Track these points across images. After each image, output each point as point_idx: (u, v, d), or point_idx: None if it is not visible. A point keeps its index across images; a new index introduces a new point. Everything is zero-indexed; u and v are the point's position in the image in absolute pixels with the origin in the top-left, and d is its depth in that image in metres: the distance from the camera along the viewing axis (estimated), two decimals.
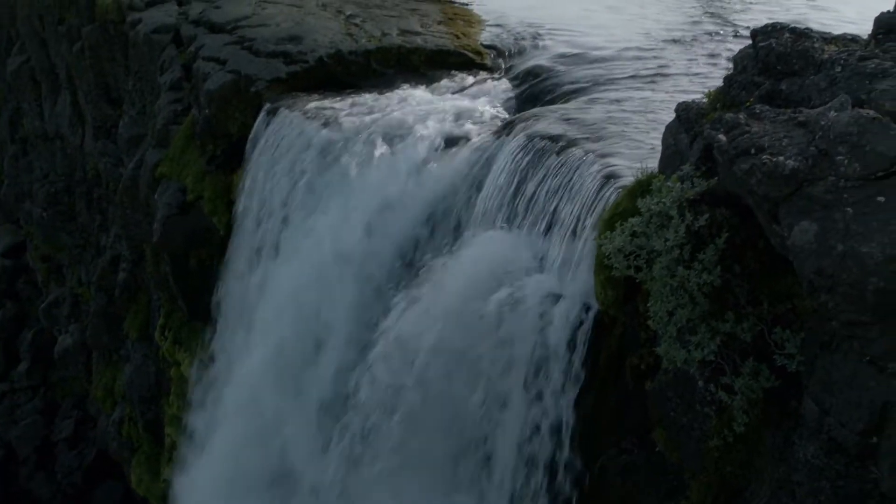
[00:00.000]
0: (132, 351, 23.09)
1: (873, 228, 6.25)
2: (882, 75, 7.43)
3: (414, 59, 18.03)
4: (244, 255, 16.80)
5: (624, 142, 11.88)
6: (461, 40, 18.83)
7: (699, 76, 15.41)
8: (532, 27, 19.66)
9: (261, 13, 20.57)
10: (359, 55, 17.92)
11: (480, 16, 21.35)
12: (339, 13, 20.65)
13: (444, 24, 20.14)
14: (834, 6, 24.16)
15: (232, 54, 18.42)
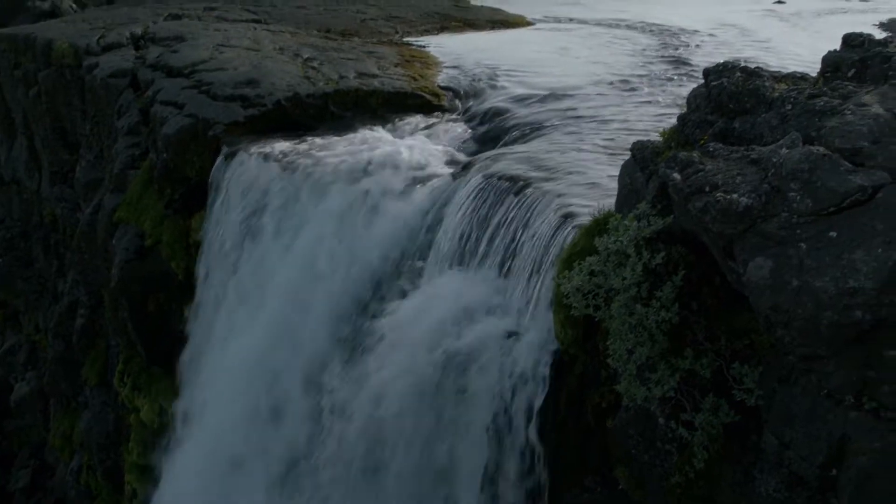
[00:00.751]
0: (90, 398, 22.82)
1: (826, 263, 6.32)
2: (831, 113, 7.57)
3: (371, 102, 18.12)
4: (206, 301, 16.73)
5: (581, 181, 11.98)
6: (418, 82, 18.96)
7: (653, 115, 15.60)
8: (488, 69, 19.88)
9: (218, 57, 20.63)
10: (316, 98, 17.99)
11: (437, 58, 21.59)
12: (297, 56, 20.77)
13: (402, 66, 20.30)
14: (783, 46, 24.63)
15: (190, 98, 18.43)
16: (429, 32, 26.48)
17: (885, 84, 8.04)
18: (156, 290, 18.37)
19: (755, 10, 35.60)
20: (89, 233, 21.12)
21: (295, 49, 21.61)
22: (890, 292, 6.13)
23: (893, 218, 6.31)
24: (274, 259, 14.77)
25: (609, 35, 26.62)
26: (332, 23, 26.61)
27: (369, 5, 30.79)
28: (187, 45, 22.10)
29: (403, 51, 22.46)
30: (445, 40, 24.87)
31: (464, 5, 32.77)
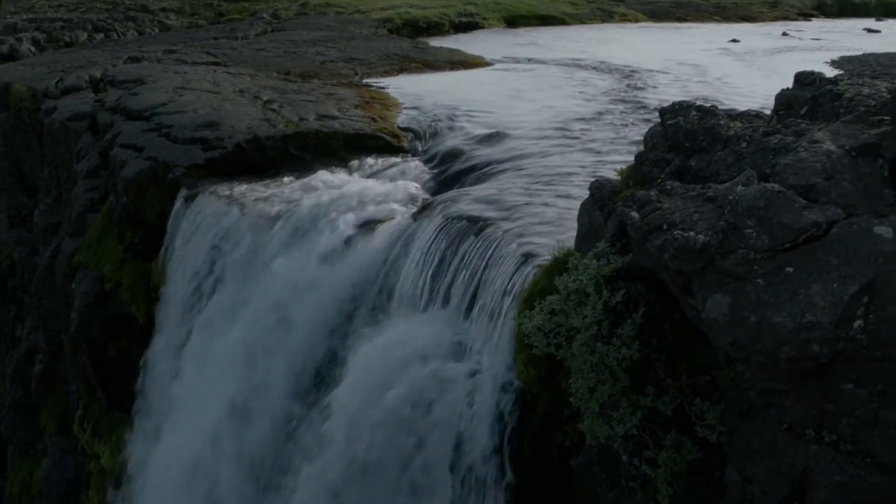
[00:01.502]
0: (50, 444, 22.54)
1: (784, 298, 6.40)
2: (785, 150, 7.68)
3: (332, 144, 18.14)
4: (165, 344, 16.60)
5: (540, 220, 12.05)
6: (378, 123, 19.02)
7: (611, 153, 15.74)
8: (448, 109, 19.99)
9: (178, 100, 20.61)
10: (276, 140, 17.99)
11: (397, 99, 21.69)
12: (257, 98, 20.80)
13: (361, 107, 20.38)
14: (738, 84, 24.98)
15: (149, 141, 18.39)
16: (388, 74, 26.59)
17: (837, 121, 8.18)
18: (116, 335, 18.22)
19: (710, 48, 36.08)
20: (48, 277, 20.96)
21: (255, 91, 21.65)
22: (846, 326, 6.21)
23: (848, 252, 6.40)
24: (230, 308, 14.70)
25: (567, 75, 26.87)
26: (292, 65, 26.67)
27: (329, 47, 30.90)
28: (147, 87, 22.07)
29: (363, 92, 22.55)
30: (405, 81, 24.99)
31: (423, 46, 32.95)
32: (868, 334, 6.24)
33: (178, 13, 46.64)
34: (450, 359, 10.72)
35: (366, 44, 32.29)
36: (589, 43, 37.63)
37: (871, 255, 6.35)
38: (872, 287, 6.26)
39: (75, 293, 18.88)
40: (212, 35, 36.20)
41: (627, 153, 14.11)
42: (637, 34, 43.61)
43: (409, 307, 12.12)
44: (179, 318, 16.09)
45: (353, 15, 44.03)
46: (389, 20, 41.23)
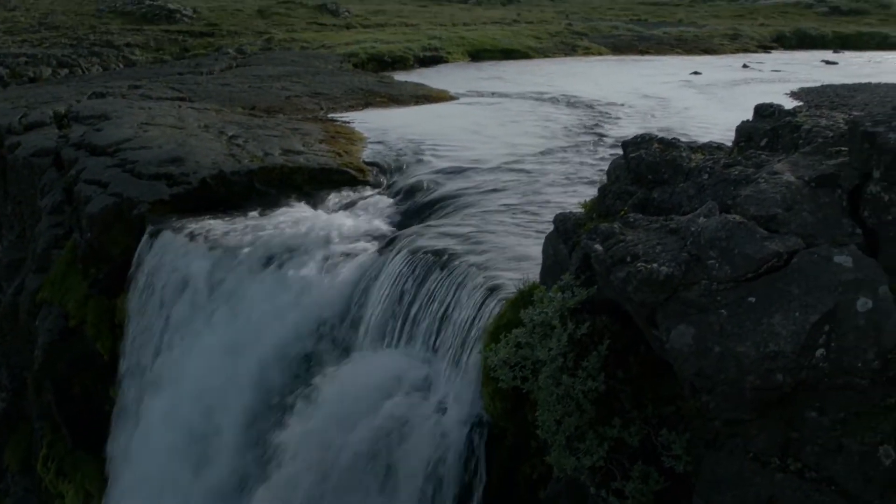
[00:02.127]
0: (12, 484, 22.19)
1: (747, 328, 6.46)
2: (745, 181, 7.78)
3: (297, 178, 18.14)
4: (130, 382, 16.45)
5: (505, 254, 12.11)
6: (343, 158, 19.06)
7: (575, 186, 15.85)
8: (413, 143, 20.07)
9: (143, 135, 20.56)
10: (241, 175, 17.96)
11: (362, 133, 21.75)
12: (222, 134, 20.78)
13: (326, 142, 20.41)
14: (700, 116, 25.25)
15: (114, 177, 18.31)
16: (353, 108, 26.66)
17: (796, 152, 8.30)
18: (81, 372, 18.05)
19: (672, 81, 36.45)
20: (11, 314, 20.74)
21: (220, 126, 21.63)
22: (808, 355, 6.29)
23: (808, 282, 6.48)
24: (193, 344, 14.63)
25: (531, 109, 27.05)
26: (257, 100, 26.68)
27: (294, 82, 30.94)
28: (111, 123, 21.99)
29: (328, 127, 22.59)
30: (370, 116, 25.06)
31: (388, 81, 33.07)
32: (830, 362, 6.32)
33: (142, 48, 46.54)
34: (416, 393, 10.71)
35: (331, 78, 32.36)
36: (553, 76, 37.93)
37: (831, 284, 6.44)
38: (833, 316, 6.34)
39: (39, 330, 18.70)
40: (177, 70, 36.11)
41: (591, 186, 14.22)
42: (600, 67, 44.00)
43: (375, 342, 12.10)
44: (143, 354, 15.98)
45: (318, 50, 44.11)
46: (354, 55, 41.36)
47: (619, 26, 65.05)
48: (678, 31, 62.22)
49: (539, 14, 76.90)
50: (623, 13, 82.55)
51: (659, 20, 76.24)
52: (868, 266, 6.57)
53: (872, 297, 6.39)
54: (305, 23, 58.26)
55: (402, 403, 10.50)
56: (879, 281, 6.50)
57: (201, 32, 51.35)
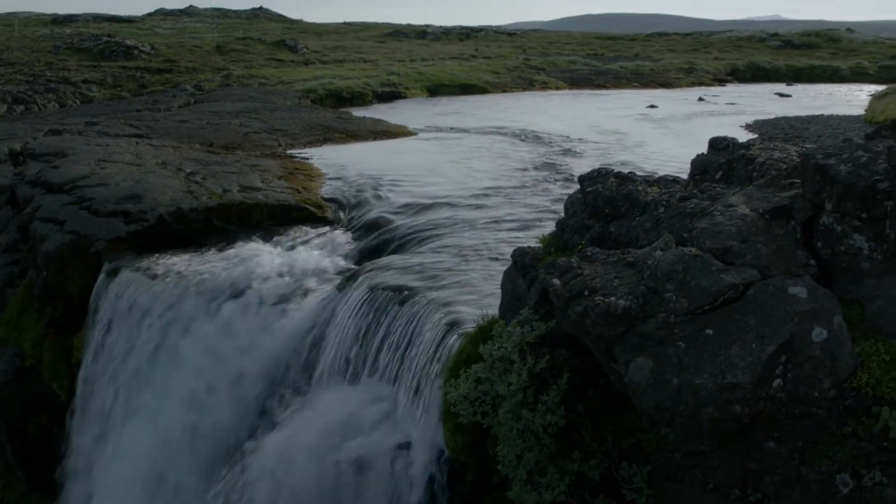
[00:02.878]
0: None
1: (704, 360, 6.50)
2: (700, 214, 7.86)
3: (255, 215, 18.08)
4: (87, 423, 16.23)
5: (465, 289, 12.12)
6: (302, 194, 19.02)
7: (533, 221, 15.92)
8: (371, 179, 20.10)
9: (100, 172, 20.41)
10: (200, 212, 17.87)
11: (321, 169, 21.75)
12: (180, 171, 20.67)
13: (285, 178, 20.37)
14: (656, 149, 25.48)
15: (71, 214, 18.14)
16: (312, 144, 26.66)
17: (750, 185, 8.40)
18: (37, 413, 17.77)
19: (629, 114, 36.83)
20: None
21: (178, 163, 21.53)
22: (765, 386, 6.33)
23: (764, 313, 6.54)
24: (151, 385, 14.48)
25: (490, 143, 27.20)
26: (215, 136, 26.61)
27: (252, 118, 30.91)
28: (68, 160, 21.83)
29: (287, 163, 22.55)
30: (328, 152, 25.07)
31: (346, 117, 33.13)
32: (787, 393, 6.37)
33: (100, 85, 46.38)
34: (377, 430, 10.65)
35: (289, 115, 32.36)
36: (511, 111, 38.20)
37: (786, 315, 6.50)
38: (790, 346, 6.40)
39: None
40: (134, 107, 35.99)
41: (549, 220, 14.27)
42: (557, 101, 44.37)
43: (335, 379, 12.05)
44: (101, 395, 15.79)
45: (277, 86, 44.19)
46: (313, 91, 41.47)
47: (576, 61, 65.73)
48: (634, 66, 62.95)
49: (497, 49, 77.51)
50: (580, 48, 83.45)
51: (615, 54, 77.11)
52: (822, 296, 6.64)
53: (827, 327, 6.46)
54: (264, 59, 58.38)
55: (363, 440, 10.45)
56: (834, 311, 6.57)
57: (159, 69, 51.29)
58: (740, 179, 9.02)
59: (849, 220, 7.14)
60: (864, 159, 7.22)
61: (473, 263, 13.47)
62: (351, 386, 11.67)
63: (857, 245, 7.09)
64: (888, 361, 6.46)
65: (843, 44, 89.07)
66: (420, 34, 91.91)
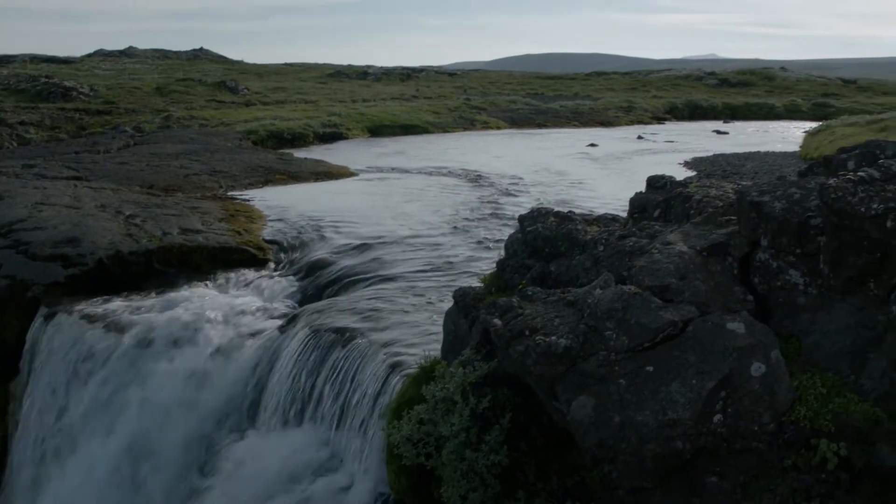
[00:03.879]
0: None
1: (645, 397, 6.54)
2: (639, 252, 7.94)
3: (196, 258, 17.94)
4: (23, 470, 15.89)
5: (407, 329, 12.10)
6: (243, 236, 18.93)
7: (475, 260, 15.97)
8: (313, 220, 20.08)
9: (37, 215, 20.14)
10: (139, 255, 17.69)
11: (262, 211, 21.68)
12: (119, 214, 20.47)
13: (226, 220, 20.25)
14: (597, 188, 25.71)
15: (7, 258, 17.85)
16: (253, 186, 26.56)
17: (688, 222, 8.51)
18: None
19: (569, 153, 37.14)
20: None
21: (117, 206, 21.33)
22: (706, 421, 6.39)
23: (704, 349, 6.61)
24: (87, 433, 14.22)
25: (431, 183, 27.29)
26: (155, 178, 26.41)
27: (193, 160, 30.73)
28: (4, 203, 21.52)
29: (228, 205, 22.44)
30: (270, 193, 25.01)
31: (287, 158, 33.06)
32: (727, 427, 6.43)
33: (37, 126, 45.82)
34: (321, 473, 10.57)
35: (230, 156, 32.22)
36: (452, 151, 38.37)
37: (725, 351, 6.57)
38: (729, 381, 6.47)
39: None
40: (73, 149, 35.59)
41: (491, 259, 14.33)
42: (498, 141, 44.63)
43: (277, 423, 11.94)
44: (36, 443, 15.49)
45: (217, 127, 43.96)
46: (254, 132, 41.31)
47: (516, 100, 66.24)
48: (574, 105, 63.59)
49: (438, 89, 77.88)
50: (520, 87, 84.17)
51: (556, 93, 77.81)
52: (760, 331, 6.74)
53: (765, 361, 6.55)
54: (204, 100, 58.11)
55: (307, 485, 10.35)
56: (771, 346, 6.66)
57: (98, 110, 50.80)
58: (678, 217, 9.13)
59: (784, 255, 7.26)
60: (798, 196, 7.36)
61: (416, 303, 13.47)
62: (294, 429, 11.57)
63: (793, 280, 7.21)
64: (825, 394, 6.56)
65: (777, 82, 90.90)
66: (361, 75, 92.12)
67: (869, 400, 6.51)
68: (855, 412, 6.40)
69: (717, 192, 9.22)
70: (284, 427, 11.76)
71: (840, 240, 6.76)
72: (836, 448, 6.24)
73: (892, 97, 77.53)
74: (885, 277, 6.71)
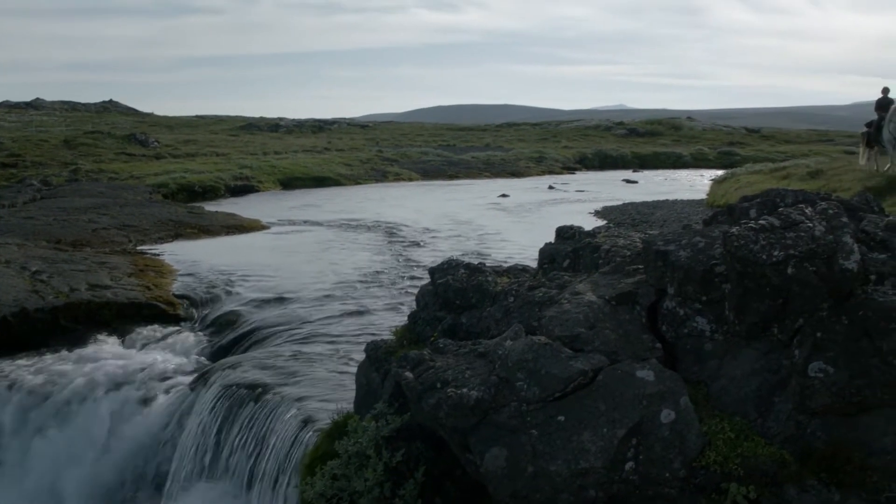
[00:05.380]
0: None
1: (558, 447, 6.56)
2: (549, 303, 8.01)
3: (104, 314, 17.62)
4: None
5: (320, 384, 12.02)
6: (153, 292, 18.66)
7: (387, 313, 15.96)
8: (224, 274, 19.92)
9: None
10: (45, 312, 17.31)
11: (172, 266, 21.44)
12: (24, 269, 20.04)
13: (135, 275, 19.96)
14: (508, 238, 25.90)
15: None
16: (163, 240, 26.26)
17: (596, 272, 8.61)
18: None
19: (481, 204, 37.46)
20: None
21: (22, 262, 20.87)
22: (618, 469, 6.43)
23: (614, 398, 6.67)
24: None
25: (343, 236, 27.30)
26: (63, 233, 25.94)
27: (102, 214, 30.28)
28: None
29: (137, 260, 22.14)
30: (180, 247, 24.75)
31: (198, 211, 32.77)
32: (639, 475, 6.47)
33: None
34: None
35: (140, 210, 31.83)
36: (364, 203, 38.43)
37: (635, 399, 6.64)
38: (639, 429, 6.53)
39: None
40: None
41: (403, 312, 14.33)
42: (411, 193, 44.85)
43: (189, 481, 11.72)
44: None
45: (127, 180, 43.43)
46: (164, 185, 40.91)
47: (428, 152, 66.69)
48: (486, 156, 64.24)
49: (350, 141, 78.14)
50: (432, 139, 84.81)
51: (467, 145, 78.56)
52: (669, 378, 6.82)
53: (675, 408, 6.62)
54: (114, 153, 57.40)
55: None
56: (680, 392, 6.74)
57: (3, 163, 49.81)
58: (587, 267, 9.23)
59: (690, 303, 7.38)
60: (702, 244, 7.50)
61: (328, 358, 13.40)
62: (206, 487, 11.37)
63: (700, 327, 7.32)
64: (733, 438, 6.65)
65: (684, 131, 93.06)
66: (273, 127, 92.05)
67: (776, 443, 6.62)
68: (763, 455, 6.50)
69: (625, 242, 9.35)
70: (196, 485, 11.55)
71: (744, 287, 6.89)
72: (746, 491, 6.32)
73: (793, 145, 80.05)
74: (787, 322, 6.85)
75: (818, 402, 6.51)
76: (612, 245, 9.26)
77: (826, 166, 34.24)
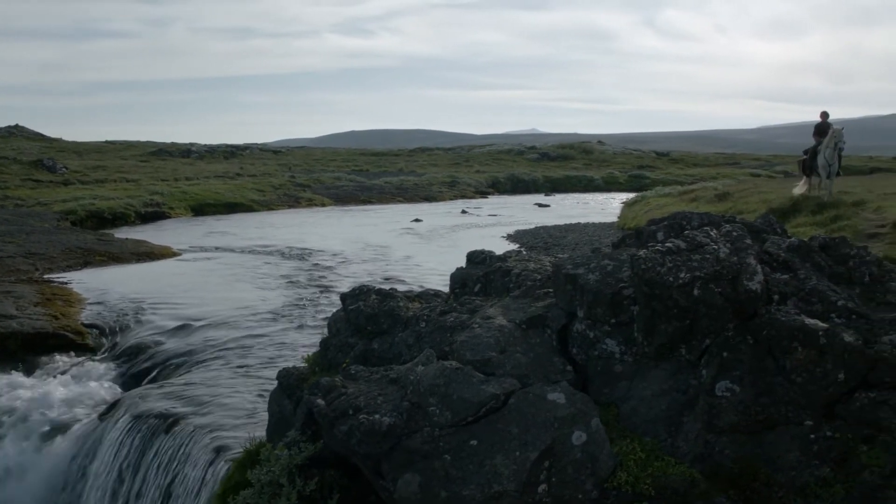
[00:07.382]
0: None
1: (471, 471, 6.57)
2: (461, 327, 8.03)
3: (10, 345, 17.21)
4: None
5: (232, 412, 11.90)
6: (60, 321, 18.29)
7: (299, 340, 15.87)
8: (134, 302, 19.63)
9: None
10: None
11: (81, 294, 21.07)
12: None
13: (42, 304, 19.56)
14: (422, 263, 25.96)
15: None
16: (72, 268, 25.78)
17: (507, 296, 8.67)
18: None
19: (394, 229, 37.47)
20: None
21: None
22: (531, 492, 6.45)
23: (526, 420, 6.70)
24: None
25: (255, 262, 27.10)
26: None
27: (7, 242, 29.60)
28: None
29: (44, 289, 21.68)
30: (89, 275, 24.32)
31: (108, 238, 32.28)
32: (552, 497, 6.51)
33: None
34: None
35: (47, 237, 31.21)
36: (276, 229, 38.21)
37: (547, 421, 6.68)
38: (552, 451, 6.57)
39: None
40: None
41: (315, 338, 14.25)
42: (324, 218, 44.70)
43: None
44: None
45: (34, 207, 42.54)
46: (72, 212, 40.19)
47: (341, 177, 66.62)
48: (399, 180, 64.34)
49: (262, 167, 77.60)
50: (345, 164, 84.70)
51: (380, 170, 78.62)
52: (580, 400, 6.88)
53: (586, 429, 6.68)
54: (20, 179, 56.15)
55: None
56: (591, 414, 6.80)
57: None
58: (498, 291, 9.29)
59: (600, 325, 7.47)
60: (610, 268, 7.60)
61: (240, 386, 13.26)
62: None
63: (610, 349, 7.41)
64: (644, 458, 6.73)
65: (595, 155, 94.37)
66: (184, 153, 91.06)
67: (685, 462, 6.71)
68: (673, 474, 6.58)
69: (536, 266, 9.44)
70: None
71: (652, 308, 6.99)
72: None
73: (702, 168, 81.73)
74: (694, 343, 6.97)
75: (725, 421, 6.63)
76: (522, 269, 9.33)
77: (733, 188, 35.03)
